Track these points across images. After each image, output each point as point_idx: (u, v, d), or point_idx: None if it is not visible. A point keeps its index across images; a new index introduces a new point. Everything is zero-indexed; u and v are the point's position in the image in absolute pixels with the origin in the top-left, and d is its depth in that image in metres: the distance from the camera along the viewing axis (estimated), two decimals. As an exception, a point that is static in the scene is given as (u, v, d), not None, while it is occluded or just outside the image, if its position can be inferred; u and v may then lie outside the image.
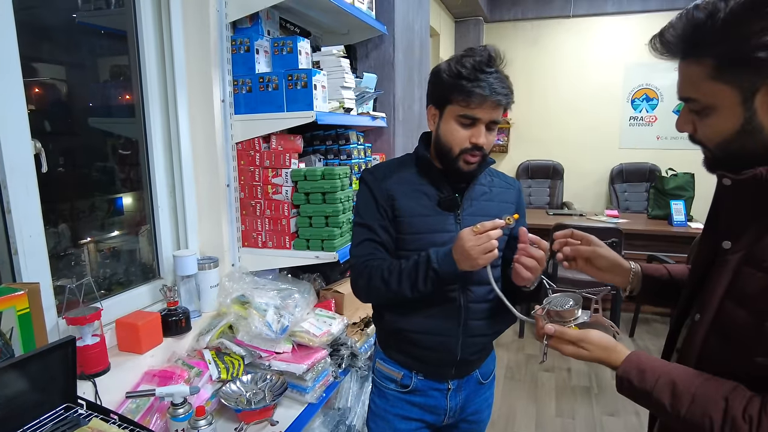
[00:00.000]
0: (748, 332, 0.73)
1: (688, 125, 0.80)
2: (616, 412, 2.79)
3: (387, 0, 2.29)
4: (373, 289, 1.23)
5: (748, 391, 0.72)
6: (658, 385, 0.79)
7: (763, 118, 0.71)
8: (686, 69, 0.76)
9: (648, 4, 5.08)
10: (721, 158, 0.78)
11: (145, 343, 1.42)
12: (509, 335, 3.79)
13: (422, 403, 1.35)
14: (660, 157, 5.11)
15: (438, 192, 1.26)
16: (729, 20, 0.68)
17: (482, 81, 1.12)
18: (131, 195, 1.72)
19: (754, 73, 0.69)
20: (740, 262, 0.77)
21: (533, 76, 5.53)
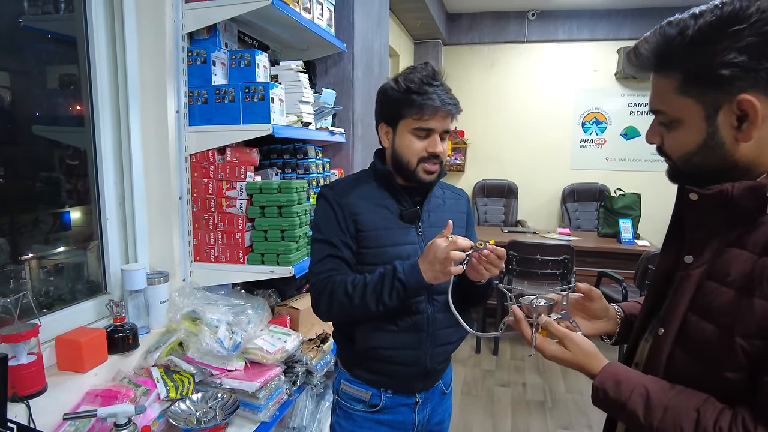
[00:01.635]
0: (717, 347, 0.73)
1: (656, 137, 0.83)
2: (570, 425, 2.84)
3: (346, 18, 2.32)
4: (336, 304, 1.21)
5: (719, 404, 0.72)
6: (633, 396, 0.79)
7: (725, 134, 0.73)
8: (657, 82, 0.78)
9: (596, 33, 5.36)
10: (683, 170, 0.81)
11: (87, 361, 1.35)
12: (466, 351, 3.82)
13: (391, 420, 1.34)
14: (609, 178, 5.34)
15: (398, 205, 1.28)
16: (696, 38, 0.71)
17: (431, 93, 1.17)
18: (78, 207, 1.65)
19: (717, 91, 0.71)
20: (702, 277, 0.78)
21: (489, 97, 5.70)
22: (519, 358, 3.73)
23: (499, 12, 5.50)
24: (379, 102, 1.29)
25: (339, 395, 1.39)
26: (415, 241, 1.27)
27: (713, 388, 0.74)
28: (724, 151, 0.74)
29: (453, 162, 5.73)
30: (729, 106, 0.71)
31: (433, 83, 1.19)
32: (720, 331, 0.73)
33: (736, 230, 0.75)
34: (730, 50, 0.68)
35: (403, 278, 1.13)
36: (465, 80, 5.73)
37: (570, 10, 5.31)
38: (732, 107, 0.71)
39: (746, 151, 0.74)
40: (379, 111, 1.29)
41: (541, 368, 3.56)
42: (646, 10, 5.13)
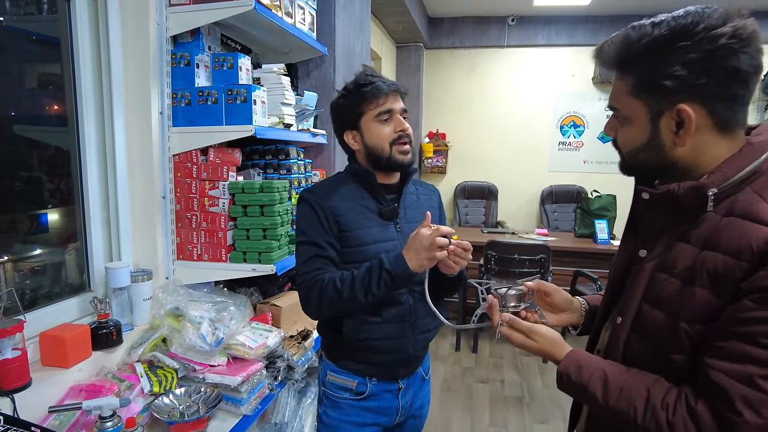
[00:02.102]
0: (665, 332, 0.80)
1: (612, 131, 0.90)
2: (546, 419, 2.93)
3: (328, 23, 2.37)
4: (326, 300, 1.27)
5: (667, 383, 0.80)
6: (593, 379, 0.86)
7: (665, 137, 0.81)
8: (616, 81, 0.85)
9: (574, 39, 5.49)
10: (630, 164, 0.89)
11: (72, 357, 1.38)
12: (446, 348, 3.90)
13: (376, 406, 1.41)
14: (586, 180, 5.47)
15: (377, 204, 1.35)
16: (650, 47, 0.77)
17: (377, 82, 1.29)
18: (60, 206, 1.67)
19: (661, 98, 0.79)
20: (654, 269, 0.85)
21: (471, 101, 5.79)
22: (498, 356, 3.81)
23: (480, 17, 5.60)
24: (336, 115, 1.39)
25: (325, 386, 1.45)
26: (395, 237, 1.36)
27: (663, 370, 0.81)
28: (665, 151, 0.82)
29: (435, 164, 5.80)
30: (670, 113, 0.79)
31: (375, 74, 1.31)
32: (668, 318, 0.80)
33: (683, 226, 0.83)
34: (675, 63, 0.75)
35: (390, 269, 1.20)
36: (447, 83, 5.82)
37: (549, 15, 5.43)
38: (672, 114, 0.79)
39: (684, 153, 0.81)
40: (340, 122, 1.39)
41: (519, 365, 3.65)
42: (623, 16, 5.27)
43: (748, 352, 0.72)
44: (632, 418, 0.80)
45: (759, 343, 0.71)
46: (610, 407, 0.83)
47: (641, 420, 0.79)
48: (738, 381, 0.72)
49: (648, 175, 0.88)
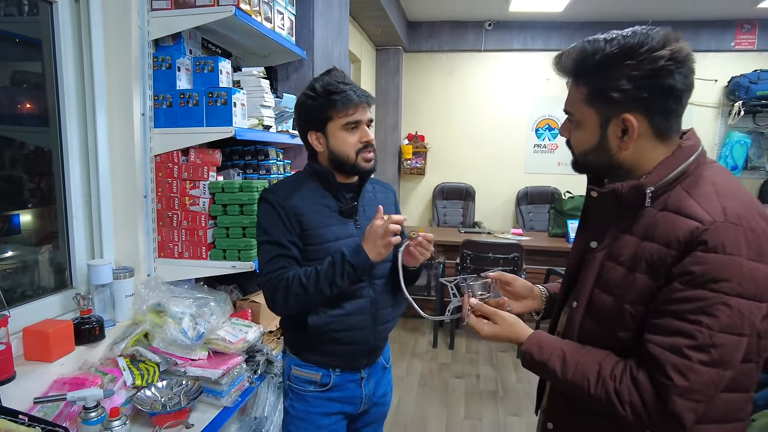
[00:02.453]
0: (613, 314, 0.91)
1: (566, 132, 1.01)
2: (519, 412, 3.03)
3: (307, 27, 2.44)
4: (293, 296, 1.32)
5: (615, 358, 0.91)
6: (552, 357, 0.96)
7: (612, 142, 0.92)
8: (572, 88, 0.96)
9: (548, 44, 5.63)
10: (581, 164, 1.00)
11: (55, 351, 1.42)
12: (424, 345, 3.99)
13: (340, 396, 1.46)
14: (560, 182, 5.62)
15: (337, 202, 1.41)
16: (603, 61, 0.88)
17: (348, 91, 1.33)
18: (42, 205, 1.70)
19: (609, 107, 0.89)
20: (604, 258, 0.95)
21: (449, 104, 5.90)
22: (473, 352, 3.91)
23: (458, 21, 5.71)
24: (301, 114, 1.42)
25: (290, 380, 1.49)
26: (355, 234, 1.41)
27: (612, 347, 0.93)
28: (611, 154, 0.93)
29: (414, 165, 5.89)
30: (616, 121, 0.90)
31: (346, 82, 1.35)
32: (615, 301, 0.91)
33: (627, 220, 0.94)
34: (622, 78, 0.86)
35: (351, 260, 1.28)
36: (425, 86, 5.92)
37: (524, 21, 5.56)
38: (618, 122, 0.90)
39: (627, 156, 0.93)
40: (304, 121, 1.41)
41: (494, 361, 3.76)
42: (595, 23, 5.44)
43: (678, 327, 0.83)
44: (586, 389, 0.90)
45: (686, 318, 0.82)
46: (567, 380, 0.93)
47: (594, 390, 0.90)
48: (669, 351, 0.83)
49: (597, 174, 1.00)
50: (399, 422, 2.87)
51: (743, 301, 0.81)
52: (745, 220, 0.82)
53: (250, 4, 1.81)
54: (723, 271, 0.80)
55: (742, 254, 0.80)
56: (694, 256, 0.82)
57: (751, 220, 0.83)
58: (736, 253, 0.80)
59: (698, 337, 0.81)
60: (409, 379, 3.42)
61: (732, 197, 0.86)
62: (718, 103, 5.46)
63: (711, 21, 5.30)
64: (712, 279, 0.81)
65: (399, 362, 3.68)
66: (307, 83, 1.42)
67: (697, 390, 0.82)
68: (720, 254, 0.80)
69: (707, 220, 0.82)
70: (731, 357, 0.83)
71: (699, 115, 5.49)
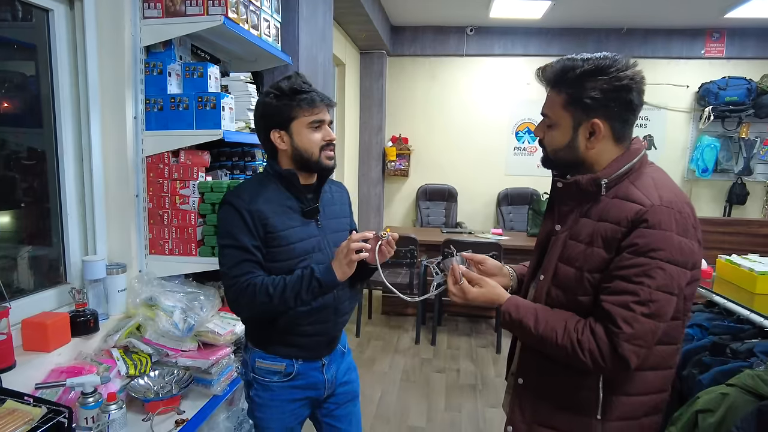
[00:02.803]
0: (574, 282, 1.11)
1: (540, 132, 1.20)
2: (497, 404, 3.15)
3: (292, 34, 2.54)
4: (258, 304, 1.36)
5: (578, 317, 1.10)
6: (527, 315, 1.14)
7: (581, 142, 1.12)
8: (551, 95, 1.14)
9: (528, 49, 5.80)
10: (553, 160, 1.19)
11: (53, 342, 1.49)
12: (407, 342, 4.10)
13: (304, 384, 1.54)
14: (539, 183, 5.78)
15: (299, 204, 1.47)
16: (581, 75, 1.08)
17: (312, 92, 1.43)
18: (38, 204, 1.78)
19: (583, 112, 1.10)
20: (566, 238, 1.15)
21: (432, 107, 6.03)
22: (455, 348, 4.03)
23: (440, 26, 5.84)
24: (264, 114, 1.45)
25: (255, 372, 1.53)
26: (317, 234, 1.49)
27: (574, 309, 1.12)
28: (579, 152, 1.13)
29: (398, 167, 6.01)
30: (586, 124, 1.10)
31: (310, 84, 1.45)
32: (576, 271, 1.11)
33: (585, 206, 1.14)
34: (596, 89, 1.07)
35: (321, 278, 1.36)
36: (409, 90, 6.05)
37: (505, 27, 5.72)
38: (588, 125, 1.10)
39: (591, 154, 1.13)
40: (267, 120, 1.45)
41: (474, 356, 3.88)
42: (572, 29, 5.63)
43: (625, 288, 1.03)
44: (554, 341, 1.09)
45: (632, 280, 1.03)
46: (539, 334, 1.12)
47: (560, 341, 1.08)
48: (619, 306, 1.03)
49: (563, 169, 1.19)
50: (381, 415, 2.98)
51: (673, 267, 1.02)
52: (675, 205, 1.04)
53: (237, 12, 1.91)
54: (659, 243, 1.01)
55: (673, 230, 1.02)
56: (639, 232, 1.03)
57: (679, 205, 1.05)
58: (669, 229, 1.02)
59: (640, 294, 1.02)
60: (391, 374, 3.53)
61: (666, 189, 1.08)
62: (690, 108, 5.68)
63: (682, 29, 5.51)
64: (651, 249, 1.01)
65: (382, 358, 3.78)
66: (268, 86, 1.47)
67: (639, 336, 1.02)
68: (657, 230, 1.02)
69: (648, 204, 1.04)
70: (665, 311, 1.04)
71: (672, 119, 5.70)
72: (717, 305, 1.88)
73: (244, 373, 1.56)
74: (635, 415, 1.15)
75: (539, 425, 1.22)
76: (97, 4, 1.73)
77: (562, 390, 1.19)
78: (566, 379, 1.17)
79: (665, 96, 5.65)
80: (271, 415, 1.52)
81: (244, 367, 1.57)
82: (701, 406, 1.37)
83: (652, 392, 1.16)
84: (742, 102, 5.25)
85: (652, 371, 1.13)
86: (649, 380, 1.14)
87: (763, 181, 5.64)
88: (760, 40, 5.44)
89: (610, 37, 5.60)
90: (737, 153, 5.55)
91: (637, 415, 1.15)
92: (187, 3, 1.79)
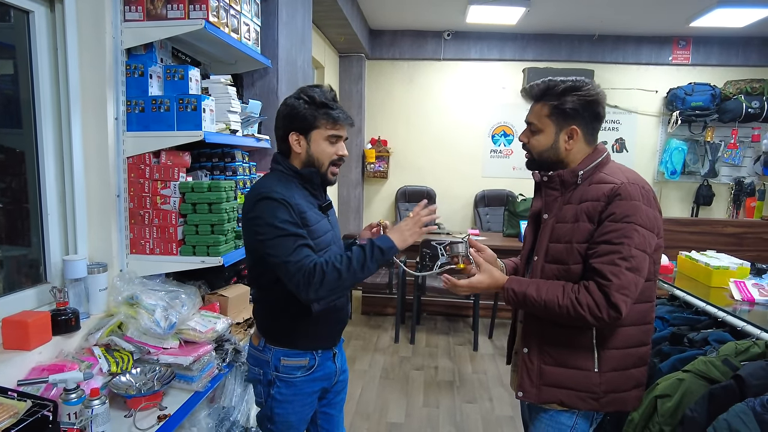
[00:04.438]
0: (565, 254, 1.36)
1: (525, 138, 1.47)
2: (474, 400, 3.23)
3: (271, 37, 2.58)
4: (330, 281, 1.38)
5: (572, 283, 1.34)
6: (529, 287, 1.37)
7: (561, 144, 1.41)
8: (537, 107, 1.43)
9: (504, 54, 5.93)
10: (537, 161, 1.46)
11: (33, 340, 1.50)
12: (386, 341, 4.16)
13: (322, 375, 1.62)
14: (515, 185, 5.91)
15: (316, 200, 1.57)
16: (562, 90, 1.38)
17: (338, 109, 1.52)
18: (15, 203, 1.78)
19: (564, 120, 1.39)
20: (554, 222, 1.41)
21: (410, 110, 6.11)
22: (433, 346, 4.11)
23: (418, 30, 5.94)
24: (287, 115, 1.51)
25: (279, 371, 1.56)
26: (330, 228, 1.61)
27: (566, 278, 1.37)
28: (560, 152, 1.42)
29: (377, 169, 6.07)
30: (566, 129, 1.40)
31: (336, 101, 1.54)
32: (566, 245, 1.37)
33: (567, 195, 1.41)
34: (573, 102, 1.37)
35: (382, 246, 1.43)
36: (387, 93, 6.12)
37: (481, 32, 5.84)
38: (567, 130, 1.40)
39: (568, 154, 1.42)
40: (289, 122, 1.51)
41: (452, 354, 3.96)
42: (546, 35, 5.78)
43: (610, 248, 1.28)
44: (557, 302, 1.32)
45: (614, 242, 1.28)
46: (543, 299, 1.34)
47: (562, 301, 1.31)
48: (606, 264, 1.27)
49: (546, 169, 1.45)
50: (361, 411, 3.03)
51: (644, 230, 1.28)
52: (639, 182, 1.34)
53: (218, 16, 1.95)
54: (632, 210, 1.28)
55: (640, 201, 1.30)
56: (615, 203, 1.29)
57: (641, 182, 1.35)
58: (637, 200, 1.29)
59: (623, 251, 1.26)
60: (371, 372, 3.58)
61: (629, 172, 1.38)
62: (659, 112, 5.88)
63: (651, 37, 5.71)
64: (626, 215, 1.28)
65: (362, 357, 3.83)
66: (300, 89, 1.53)
67: (625, 286, 1.25)
68: (629, 201, 1.29)
69: (619, 182, 1.32)
70: (643, 267, 1.28)
71: (642, 123, 5.90)
72: (678, 299, 1.99)
73: (262, 374, 1.59)
74: (625, 366, 1.39)
75: (547, 386, 1.42)
76: (77, 7, 1.75)
77: (563, 351, 1.41)
78: (565, 341, 1.40)
79: (635, 100, 5.84)
80: (293, 409, 1.59)
81: (260, 367, 1.59)
82: (660, 392, 1.47)
83: (636, 345, 1.40)
84: (707, 107, 5.46)
85: (633, 327, 1.38)
86: (632, 334, 1.39)
87: (727, 182, 5.87)
88: (723, 48, 5.68)
89: (583, 43, 5.77)
90: (703, 156, 5.77)
91: (627, 366, 1.39)
92: (168, 6, 1.82)
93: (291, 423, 1.60)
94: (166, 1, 1.83)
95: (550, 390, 1.42)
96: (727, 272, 1.97)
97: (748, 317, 1.59)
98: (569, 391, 1.40)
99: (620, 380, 1.39)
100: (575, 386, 1.39)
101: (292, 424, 1.60)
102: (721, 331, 1.64)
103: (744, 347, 1.45)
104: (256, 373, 1.61)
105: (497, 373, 3.64)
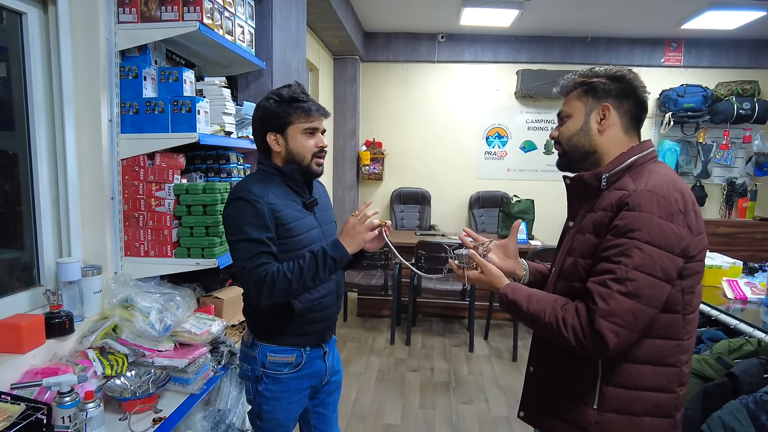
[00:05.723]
0: (572, 270, 1.19)
1: (556, 132, 1.30)
2: (470, 401, 3.24)
3: (266, 39, 2.58)
4: (278, 290, 1.40)
5: (567, 299, 1.16)
6: (522, 298, 1.21)
7: (593, 125, 1.22)
8: (568, 97, 1.28)
9: (498, 56, 5.96)
10: (567, 152, 1.27)
11: (27, 343, 1.49)
12: (382, 343, 4.16)
13: (310, 373, 1.63)
14: (509, 186, 5.93)
15: (300, 198, 1.58)
16: (591, 74, 1.24)
17: (309, 101, 1.53)
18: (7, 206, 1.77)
19: (594, 99, 1.22)
20: (575, 232, 1.23)
21: (405, 112, 6.13)
22: (429, 347, 4.11)
23: (412, 33, 5.96)
24: (261, 117, 1.55)
25: (265, 367, 1.58)
26: (316, 225, 1.61)
27: (571, 296, 1.17)
28: (591, 136, 1.23)
29: (372, 171, 6.08)
30: (597, 109, 1.22)
31: (306, 94, 1.55)
32: (573, 259, 1.20)
33: (592, 201, 1.21)
34: (604, 81, 1.22)
35: (333, 255, 1.43)
36: (382, 95, 6.13)
37: (475, 34, 5.87)
38: (599, 110, 1.22)
39: (603, 141, 1.22)
40: (264, 123, 1.54)
41: (448, 355, 3.97)
42: (539, 37, 5.81)
43: (606, 267, 1.09)
44: (542, 318, 1.15)
45: (611, 260, 1.08)
46: (529, 312, 1.18)
47: (547, 318, 1.14)
48: (598, 285, 1.08)
49: (576, 163, 1.28)
50: (357, 413, 3.02)
51: (653, 248, 1.05)
52: (660, 190, 1.09)
53: (212, 18, 1.95)
54: (637, 224, 1.06)
55: (653, 213, 1.06)
56: (621, 214, 1.09)
57: (665, 190, 1.09)
58: (648, 212, 1.06)
59: (617, 272, 1.06)
60: (367, 374, 3.58)
61: (658, 177, 1.13)
62: (652, 113, 5.92)
63: (643, 39, 5.76)
64: (629, 230, 1.07)
65: (357, 359, 3.83)
66: (269, 92, 1.57)
67: (615, 314, 1.05)
68: (636, 212, 1.07)
69: (631, 189, 1.11)
70: (646, 293, 1.05)
71: (635, 125, 5.93)
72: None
73: (250, 369, 1.61)
74: (633, 411, 1.15)
75: (543, 411, 1.29)
76: (71, 9, 1.75)
77: (564, 378, 1.24)
78: (569, 368, 1.22)
79: (628, 102, 5.87)
80: (280, 406, 1.60)
81: (248, 363, 1.62)
82: (654, 390, 1.47)
83: (650, 389, 1.14)
84: (699, 108, 5.51)
85: (649, 365, 1.14)
86: (644, 374, 1.14)
87: (719, 183, 5.92)
88: (714, 49, 5.73)
89: (576, 45, 5.81)
90: (696, 157, 5.81)
91: (635, 411, 1.15)
92: (162, 8, 1.82)
93: (279, 420, 1.61)
94: (160, 3, 1.83)
95: (546, 417, 1.29)
96: (720, 271, 1.99)
97: (740, 315, 1.60)
98: (563, 423, 1.23)
99: (623, 427, 1.16)
100: (569, 418, 1.22)
101: (280, 422, 1.61)
102: (714, 330, 1.65)
103: (737, 345, 1.47)
104: (246, 369, 1.64)
105: (493, 374, 3.65)
